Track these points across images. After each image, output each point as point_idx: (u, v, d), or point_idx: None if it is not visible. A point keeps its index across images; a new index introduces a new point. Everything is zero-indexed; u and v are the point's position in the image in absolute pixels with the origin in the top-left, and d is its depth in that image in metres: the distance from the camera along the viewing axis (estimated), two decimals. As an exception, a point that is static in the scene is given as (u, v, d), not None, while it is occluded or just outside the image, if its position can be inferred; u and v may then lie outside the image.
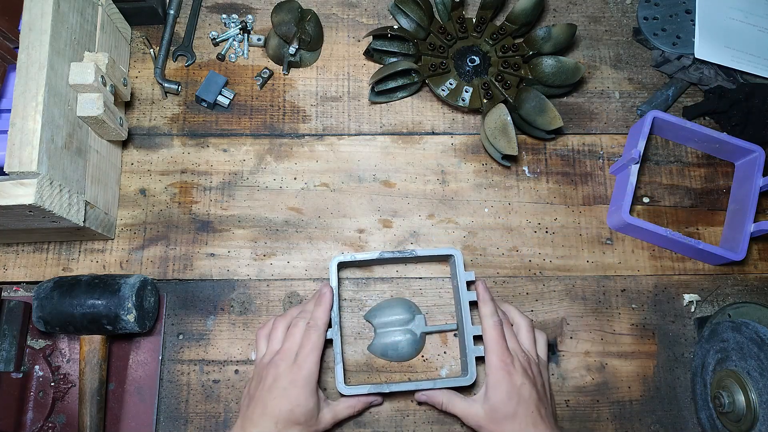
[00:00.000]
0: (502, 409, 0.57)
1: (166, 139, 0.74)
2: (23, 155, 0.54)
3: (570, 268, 0.71)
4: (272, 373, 0.59)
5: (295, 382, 0.58)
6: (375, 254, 0.66)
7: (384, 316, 0.67)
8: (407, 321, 0.67)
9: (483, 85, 0.74)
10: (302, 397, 0.57)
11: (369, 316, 0.68)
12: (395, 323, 0.67)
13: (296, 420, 0.57)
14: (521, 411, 0.57)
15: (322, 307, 0.62)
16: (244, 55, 0.77)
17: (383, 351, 0.67)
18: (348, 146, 0.74)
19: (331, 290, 0.64)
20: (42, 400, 0.65)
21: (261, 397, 0.58)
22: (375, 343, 0.67)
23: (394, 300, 0.69)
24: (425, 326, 0.67)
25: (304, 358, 0.59)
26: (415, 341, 0.66)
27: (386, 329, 0.67)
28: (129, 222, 0.71)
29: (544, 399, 0.59)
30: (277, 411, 0.57)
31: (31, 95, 0.56)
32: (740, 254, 0.67)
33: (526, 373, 0.59)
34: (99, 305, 0.61)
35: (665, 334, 0.69)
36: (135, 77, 0.76)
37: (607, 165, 0.75)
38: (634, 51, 0.79)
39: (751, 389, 0.59)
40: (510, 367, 0.58)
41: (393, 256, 0.66)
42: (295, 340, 0.61)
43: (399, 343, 0.66)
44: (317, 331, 0.61)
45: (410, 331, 0.66)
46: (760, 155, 0.70)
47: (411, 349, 0.67)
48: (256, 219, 0.72)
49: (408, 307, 0.68)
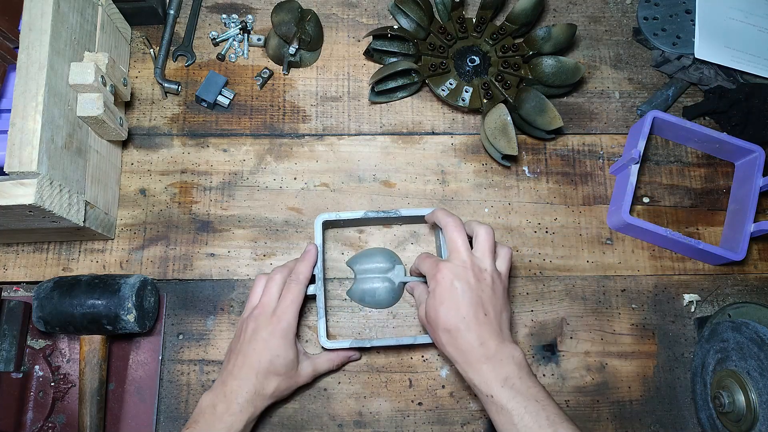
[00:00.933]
0: (431, 307, 0.56)
1: (166, 139, 0.74)
2: (23, 155, 0.54)
3: (570, 268, 0.71)
4: (252, 326, 0.60)
5: (274, 333, 0.58)
6: (360, 213, 0.67)
7: (365, 263, 0.69)
8: (387, 269, 0.68)
9: (483, 85, 0.74)
10: (281, 348, 0.58)
11: (351, 262, 0.69)
12: (375, 270, 0.68)
13: (276, 371, 0.58)
14: (452, 310, 0.55)
15: (305, 262, 0.63)
16: (244, 55, 0.77)
17: (361, 296, 0.68)
18: (348, 146, 0.74)
19: (315, 247, 0.64)
20: (42, 400, 0.65)
21: (240, 349, 0.59)
22: (354, 288, 0.68)
23: (377, 248, 0.70)
24: (404, 276, 0.68)
25: (284, 310, 0.59)
26: (393, 289, 0.68)
27: (366, 275, 0.68)
28: (129, 222, 0.71)
29: (488, 304, 0.56)
30: (257, 362, 0.58)
31: (31, 95, 0.56)
32: (740, 254, 0.67)
33: (463, 276, 0.56)
34: (99, 305, 0.61)
35: (665, 334, 0.69)
36: (135, 77, 0.76)
37: (607, 165, 0.75)
38: (634, 51, 0.79)
39: (751, 389, 0.59)
40: (445, 269, 0.56)
41: (378, 215, 0.67)
42: (271, 293, 0.61)
43: (377, 289, 0.67)
44: (298, 284, 0.61)
45: (389, 279, 0.68)
46: (760, 155, 0.70)
47: (388, 297, 0.68)
48: (256, 219, 0.72)
49: (389, 257, 0.69)
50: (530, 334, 0.69)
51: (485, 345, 0.54)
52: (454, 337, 0.55)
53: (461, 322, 0.55)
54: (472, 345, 0.54)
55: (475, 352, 0.54)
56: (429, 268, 0.59)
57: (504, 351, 0.54)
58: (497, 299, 0.57)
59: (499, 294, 0.57)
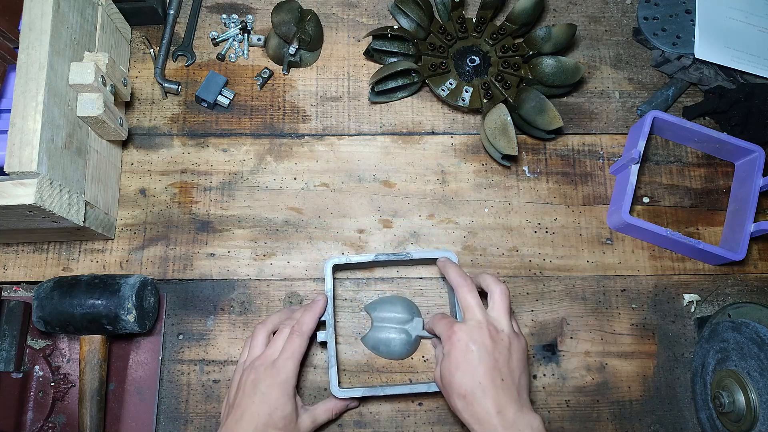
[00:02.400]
0: (446, 370, 0.55)
1: (166, 139, 0.74)
2: (23, 155, 0.54)
3: (570, 268, 0.71)
4: (251, 378, 0.58)
5: (272, 385, 0.57)
6: (370, 257, 0.66)
7: (384, 311, 0.67)
8: (405, 321, 0.67)
9: (483, 85, 0.74)
10: (280, 401, 0.57)
11: (369, 308, 0.68)
12: (393, 320, 0.67)
13: (274, 425, 0.57)
14: (467, 375, 0.53)
15: (310, 313, 0.61)
16: (244, 55, 0.77)
17: (375, 345, 0.67)
18: (348, 146, 0.74)
19: (325, 298, 0.63)
20: (42, 400, 0.65)
21: (239, 403, 0.58)
22: (369, 335, 0.67)
23: (397, 297, 0.69)
24: (422, 330, 0.66)
25: (284, 362, 0.58)
26: (409, 342, 0.66)
27: (383, 324, 0.67)
28: (129, 222, 0.71)
29: (505, 368, 0.54)
30: (256, 416, 0.56)
31: (31, 95, 0.56)
32: (740, 254, 0.67)
33: (478, 337, 0.54)
34: (99, 305, 0.61)
35: (665, 334, 0.69)
36: (135, 77, 0.76)
37: (607, 165, 0.75)
38: (634, 51, 0.79)
39: (751, 389, 0.59)
40: (459, 331, 0.55)
41: (388, 258, 0.66)
42: (276, 346, 0.60)
43: (392, 340, 0.66)
44: (301, 337, 0.60)
45: (406, 332, 0.66)
46: (760, 155, 0.70)
47: (403, 350, 0.66)
48: (256, 219, 0.72)
49: (409, 307, 0.68)
50: (530, 334, 0.69)
51: (502, 413, 0.51)
52: (469, 403, 0.52)
53: (477, 387, 0.52)
54: (489, 413, 0.51)
55: (492, 421, 0.51)
56: (443, 330, 0.57)
57: (523, 420, 0.52)
58: (515, 362, 0.54)
59: (517, 356, 0.55)
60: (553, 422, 0.66)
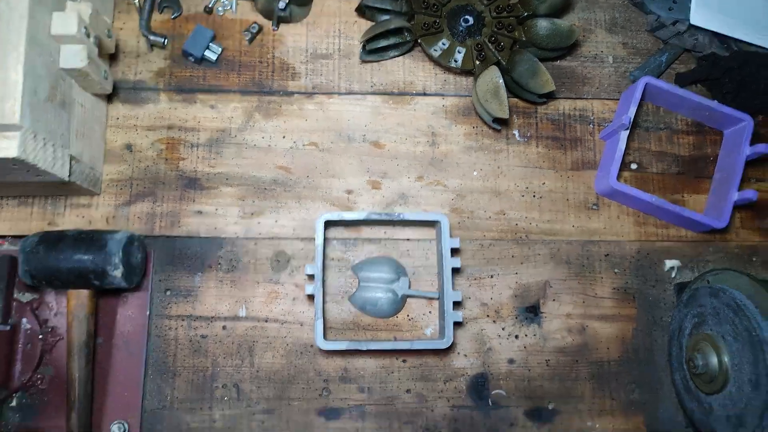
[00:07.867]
0: None
1: (152, 93, 0.73)
2: (5, 107, 0.53)
3: (555, 232, 0.72)
4: None
5: None
6: (363, 214, 0.66)
7: (370, 271, 0.68)
8: (391, 280, 0.68)
9: (476, 46, 0.73)
10: None
11: (356, 268, 0.69)
12: (379, 280, 0.68)
13: None
14: None
15: None
16: (233, 9, 0.75)
17: (362, 304, 0.68)
18: (338, 105, 0.74)
19: None
20: (30, 352, 0.66)
21: None
22: (356, 295, 0.68)
23: (383, 258, 0.69)
24: (408, 289, 0.68)
25: None
26: (395, 301, 0.68)
27: (369, 284, 0.68)
28: (115, 177, 0.70)
29: None
30: None
31: (12, 46, 0.54)
32: (723, 222, 0.68)
33: None
34: (86, 260, 0.61)
35: (645, 299, 0.71)
36: (120, 29, 0.74)
37: (597, 130, 0.75)
38: (630, 15, 0.78)
39: (724, 352, 0.61)
40: None
41: (380, 217, 0.66)
42: None
43: (379, 299, 0.67)
44: None
45: (392, 291, 0.68)
46: (748, 124, 0.71)
47: (389, 308, 0.68)
48: (244, 177, 0.71)
49: (395, 267, 0.68)
50: (514, 295, 0.70)
51: None
52: None
53: None
54: None
55: None
56: None
57: None
58: None
59: None
60: (532, 381, 0.68)
